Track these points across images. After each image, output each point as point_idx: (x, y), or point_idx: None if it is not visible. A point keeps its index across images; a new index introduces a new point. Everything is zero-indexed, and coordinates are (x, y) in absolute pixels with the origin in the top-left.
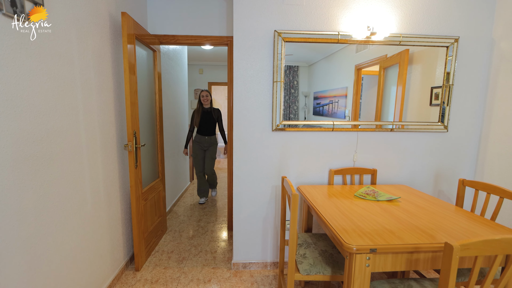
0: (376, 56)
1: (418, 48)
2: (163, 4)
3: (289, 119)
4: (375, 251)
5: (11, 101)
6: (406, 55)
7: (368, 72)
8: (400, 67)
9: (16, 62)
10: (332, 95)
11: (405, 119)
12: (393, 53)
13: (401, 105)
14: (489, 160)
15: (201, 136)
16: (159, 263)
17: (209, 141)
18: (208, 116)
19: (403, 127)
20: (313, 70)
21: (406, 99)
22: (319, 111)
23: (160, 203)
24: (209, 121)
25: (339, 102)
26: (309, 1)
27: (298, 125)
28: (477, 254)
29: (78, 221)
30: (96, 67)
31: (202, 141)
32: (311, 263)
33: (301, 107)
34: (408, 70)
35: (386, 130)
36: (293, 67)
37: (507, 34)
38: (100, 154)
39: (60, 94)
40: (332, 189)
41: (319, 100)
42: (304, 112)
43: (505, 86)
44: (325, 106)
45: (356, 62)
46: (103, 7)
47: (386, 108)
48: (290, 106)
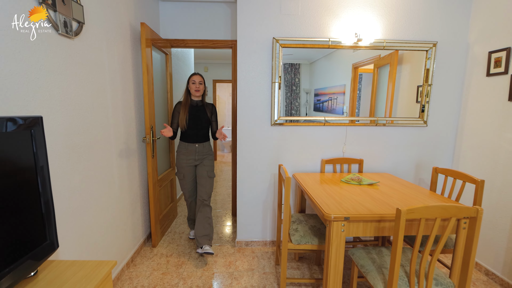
0: (371, 56)
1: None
2: (174, 11)
3: (291, 114)
4: (348, 219)
5: (64, 101)
6: (396, 56)
7: (365, 70)
8: (390, 66)
9: (68, 70)
10: (331, 92)
11: (395, 115)
12: (385, 54)
13: (391, 101)
14: (464, 151)
15: (189, 144)
16: (172, 241)
17: (202, 150)
18: (200, 112)
19: (393, 122)
20: (314, 68)
21: (396, 96)
22: (320, 107)
23: (172, 190)
24: (200, 120)
25: (338, 99)
26: (303, 11)
27: (300, 120)
28: (420, 217)
29: (109, 200)
30: (120, 71)
31: (191, 152)
32: (302, 235)
33: (302, 103)
34: (398, 69)
35: (372, 124)
36: (294, 64)
37: (480, 40)
38: (124, 145)
39: (96, 95)
40: (323, 176)
41: (319, 97)
42: (305, 108)
43: (477, 85)
44: (324, 102)
45: (353, 61)
46: (125, 19)
47: (380, 104)
48: (292, 103)
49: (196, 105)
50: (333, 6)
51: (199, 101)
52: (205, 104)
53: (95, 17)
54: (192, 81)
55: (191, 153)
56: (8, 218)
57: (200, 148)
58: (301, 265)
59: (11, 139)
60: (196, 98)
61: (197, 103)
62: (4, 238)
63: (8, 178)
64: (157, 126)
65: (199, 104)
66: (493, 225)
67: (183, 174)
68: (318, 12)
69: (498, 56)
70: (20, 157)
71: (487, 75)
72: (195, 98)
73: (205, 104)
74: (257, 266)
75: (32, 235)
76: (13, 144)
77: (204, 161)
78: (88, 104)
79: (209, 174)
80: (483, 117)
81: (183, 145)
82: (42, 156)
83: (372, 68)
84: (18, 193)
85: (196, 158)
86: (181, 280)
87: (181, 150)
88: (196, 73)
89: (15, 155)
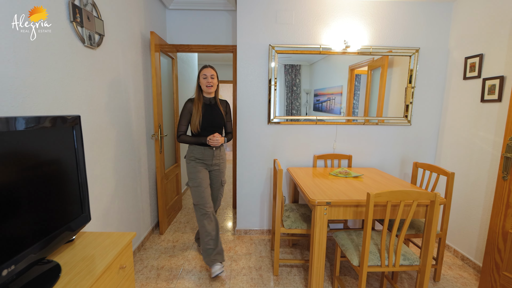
0: (366, 59)
1: (391, 55)
2: (179, 18)
3: (292, 114)
4: (330, 203)
5: (89, 102)
6: (386, 59)
7: (360, 71)
8: (382, 69)
9: (91, 76)
10: (330, 92)
11: (386, 115)
12: (377, 57)
13: (382, 102)
14: (445, 148)
15: (205, 149)
16: (177, 230)
17: (219, 154)
18: (214, 112)
19: (383, 121)
20: (314, 69)
21: (386, 97)
22: (319, 107)
23: (177, 184)
24: (215, 120)
25: (336, 99)
26: (297, 21)
27: (294, 119)
28: (387, 200)
29: (124, 189)
30: (132, 75)
31: (207, 157)
32: (293, 220)
33: (303, 103)
34: (388, 72)
35: (360, 123)
36: (295, 66)
37: (458, 46)
38: (136, 141)
39: (113, 97)
40: (314, 170)
41: (318, 97)
42: (305, 108)
43: (456, 88)
44: (323, 102)
45: (350, 63)
46: (137, 28)
47: (373, 104)
48: (293, 103)
49: (209, 103)
50: (324, 16)
51: (212, 98)
52: (219, 102)
53: (112, 29)
54: (203, 75)
55: (208, 158)
56: (58, 194)
57: (217, 152)
58: (294, 250)
59: (59, 133)
60: (208, 95)
61: (210, 101)
62: (57, 208)
63: (58, 164)
64: (164, 125)
65: (212, 102)
66: (467, 215)
67: (199, 181)
68: (310, 21)
69: (473, 62)
70: (65, 148)
71: (463, 78)
72: (207, 95)
73: (219, 102)
74: (254, 251)
75: (73, 207)
76: (60, 137)
77: (221, 166)
78: (107, 105)
79: (223, 183)
80: (460, 117)
81: (197, 150)
82: (80, 148)
83: (367, 70)
84: (65, 175)
85: (213, 163)
86: (186, 261)
87: (194, 155)
88: (208, 65)
89: (62, 146)
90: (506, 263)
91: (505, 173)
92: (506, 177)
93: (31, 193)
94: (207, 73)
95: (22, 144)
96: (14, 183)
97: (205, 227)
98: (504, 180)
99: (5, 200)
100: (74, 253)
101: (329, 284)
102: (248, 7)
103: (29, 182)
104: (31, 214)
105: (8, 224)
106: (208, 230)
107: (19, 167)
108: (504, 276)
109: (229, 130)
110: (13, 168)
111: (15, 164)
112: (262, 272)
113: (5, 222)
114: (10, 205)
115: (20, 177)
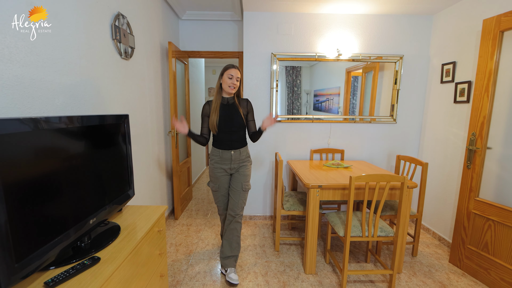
0: (360, 63)
1: (378, 61)
2: (191, 28)
3: (293, 113)
4: (321, 186)
5: (123, 103)
6: (377, 63)
7: (356, 74)
8: (374, 72)
9: (125, 82)
10: (328, 93)
11: (378, 114)
12: (369, 62)
13: (374, 102)
14: (426, 143)
15: (223, 151)
16: (190, 216)
17: (239, 157)
18: (232, 112)
19: (375, 120)
20: (313, 71)
21: (378, 97)
22: (318, 107)
23: (189, 175)
24: (233, 121)
25: (334, 99)
26: (296, 32)
27: (291, 118)
28: (365, 181)
29: (146, 177)
30: (153, 80)
31: (225, 160)
32: (291, 204)
33: (303, 103)
34: (379, 75)
35: (352, 122)
36: (296, 67)
37: (437, 54)
38: (156, 137)
39: (140, 99)
40: (311, 163)
41: (318, 98)
42: (306, 108)
43: (435, 90)
44: (323, 102)
45: (346, 66)
46: (157, 39)
47: (366, 104)
48: (294, 102)
49: (226, 103)
50: (319, 27)
51: (230, 98)
52: (239, 101)
53: (139, 42)
54: (229, 75)
55: (225, 161)
56: (118, 172)
57: (236, 156)
58: (292, 232)
59: (117, 127)
60: (228, 95)
61: (227, 101)
62: (116, 182)
63: (118, 149)
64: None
65: (230, 102)
66: (443, 200)
67: (218, 185)
68: (307, 32)
69: (448, 68)
70: (120, 138)
71: (441, 82)
72: (226, 95)
73: (238, 101)
74: (258, 232)
75: (124, 184)
76: (117, 130)
77: (241, 169)
78: (136, 105)
79: (244, 187)
80: (438, 115)
81: (216, 152)
82: (128, 139)
83: (361, 72)
84: (121, 159)
85: (231, 167)
86: (200, 240)
87: (214, 157)
88: (234, 66)
89: (119, 137)
90: (470, 238)
91: (469, 163)
92: (469, 166)
93: (105, 169)
94: (234, 74)
95: (93, 134)
96: (96, 161)
97: (222, 226)
98: (468, 168)
99: (95, 173)
100: (124, 219)
101: (322, 258)
102: (253, 20)
103: (105, 161)
104: (103, 185)
105: (93, 190)
106: (222, 230)
107: (96, 151)
108: (468, 249)
109: (253, 129)
110: (93, 152)
111: (95, 148)
112: (265, 248)
113: (92, 189)
114: (96, 177)
115: (98, 157)
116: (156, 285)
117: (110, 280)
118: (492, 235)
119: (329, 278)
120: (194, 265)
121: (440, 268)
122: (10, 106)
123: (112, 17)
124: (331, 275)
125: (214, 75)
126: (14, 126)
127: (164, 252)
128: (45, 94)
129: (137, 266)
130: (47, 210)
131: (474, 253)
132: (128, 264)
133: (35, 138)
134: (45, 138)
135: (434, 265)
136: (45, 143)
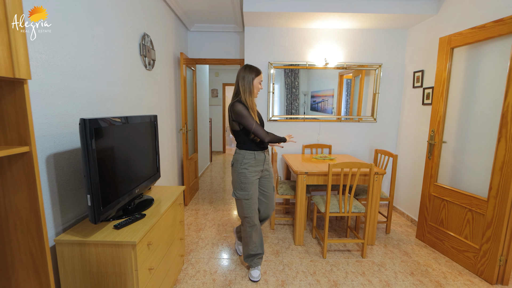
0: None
1: (360, 69)
2: (198, 38)
3: (291, 113)
4: (307, 173)
5: (147, 106)
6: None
7: (348, 77)
8: (361, 76)
9: (149, 89)
10: (324, 94)
11: (365, 114)
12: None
13: (361, 103)
14: (402, 140)
15: (257, 153)
16: (197, 203)
17: (268, 159)
18: (260, 115)
19: (362, 119)
20: (311, 73)
21: (364, 99)
22: (315, 107)
23: (196, 168)
24: (261, 122)
25: (328, 100)
26: (290, 44)
27: (286, 117)
28: (340, 168)
29: (164, 166)
30: (167, 85)
31: (259, 162)
32: (284, 189)
33: (301, 104)
34: (365, 79)
35: (343, 121)
36: (294, 70)
37: (410, 63)
38: (170, 134)
39: (158, 102)
40: (302, 156)
41: (315, 98)
42: (303, 108)
43: (408, 94)
44: (319, 103)
45: (339, 70)
46: (171, 49)
47: (354, 105)
48: (292, 103)
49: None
50: (309, 40)
51: None
52: None
53: (159, 54)
54: (260, 80)
55: (259, 163)
56: (151, 157)
57: (267, 157)
58: (286, 215)
59: (150, 125)
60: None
61: None
62: (149, 165)
63: (151, 140)
64: (188, 122)
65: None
66: (414, 188)
67: (251, 194)
68: (299, 44)
69: (418, 75)
70: (151, 132)
71: (413, 87)
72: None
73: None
74: None
75: (153, 167)
76: (149, 127)
77: (270, 170)
78: (156, 107)
79: (274, 188)
80: (411, 116)
81: (250, 155)
82: (156, 133)
83: (351, 76)
84: (151, 147)
85: (263, 168)
86: (208, 221)
87: (248, 161)
88: (260, 71)
89: (150, 131)
90: (431, 216)
91: (429, 154)
92: (430, 157)
93: (145, 154)
94: (261, 80)
95: (137, 129)
96: (140, 148)
97: (252, 238)
98: (429, 159)
99: (140, 156)
100: (153, 194)
101: (309, 234)
102: (253, 34)
103: (145, 149)
104: (144, 166)
105: (139, 168)
106: (254, 240)
107: (140, 141)
108: (429, 225)
109: None
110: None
111: (137, 139)
112: (263, 227)
113: (138, 167)
114: (140, 159)
115: (141, 145)
116: (178, 246)
117: (153, 228)
118: (446, 212)
119: (314, 248)
120: (204, 238)
121: (407, 242)
122: (84, 109)
123: (140, 37)
124: (316, 246)
125: (217, 77)
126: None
127: (182, 220)
128: (100, 101)
129: (166, 227)
130: (117, 176)
131: (433, 228)
132: (162, 222)
133: (121, 128)
134: (123, 129)
135: (403, 240)
136: (122, 133)
